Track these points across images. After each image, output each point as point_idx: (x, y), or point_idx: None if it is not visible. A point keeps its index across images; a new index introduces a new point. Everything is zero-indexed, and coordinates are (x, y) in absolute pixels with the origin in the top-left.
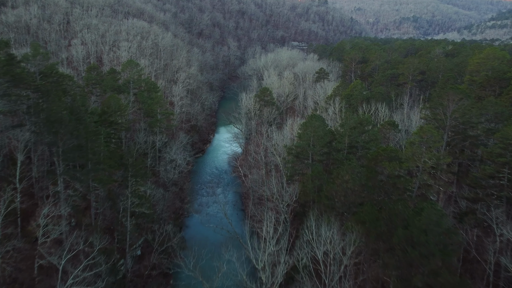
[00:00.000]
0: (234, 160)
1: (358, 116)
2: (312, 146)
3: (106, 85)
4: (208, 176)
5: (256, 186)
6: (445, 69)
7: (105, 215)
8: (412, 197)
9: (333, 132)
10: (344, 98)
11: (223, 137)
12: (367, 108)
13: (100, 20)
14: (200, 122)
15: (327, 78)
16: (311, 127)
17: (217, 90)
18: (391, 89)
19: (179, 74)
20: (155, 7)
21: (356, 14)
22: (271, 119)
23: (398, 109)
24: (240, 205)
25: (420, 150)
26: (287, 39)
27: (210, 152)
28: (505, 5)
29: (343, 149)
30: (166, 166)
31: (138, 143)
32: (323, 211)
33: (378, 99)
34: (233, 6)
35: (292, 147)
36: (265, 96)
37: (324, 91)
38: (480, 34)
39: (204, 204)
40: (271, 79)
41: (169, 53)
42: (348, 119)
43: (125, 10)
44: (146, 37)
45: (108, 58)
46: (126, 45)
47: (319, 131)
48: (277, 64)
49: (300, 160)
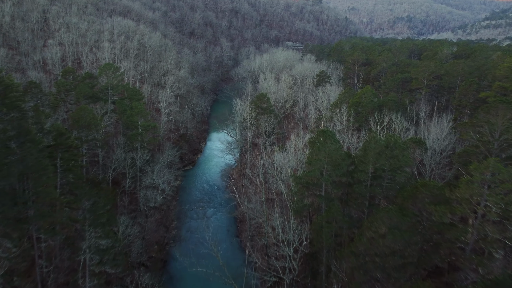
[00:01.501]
0: (228, 176)
1: (386, 138)
2: (326, 175)
3: (79, 92)
4: (199, 193)
5: (253, 214)
6: (464, 73)
7: (59, 271)
8: (467, 252)
9: (351, 155)
10: (352, 106)
11: (215, 145)
12: (379, 119)
13: (81, 19)
14: (191, 131)
15: (329, 81)
16: (323, 151)
17: (209, 94)
18: (403, 96)
19: (167, 77)
20: (143, 6)
21: (350, 13)
22: (269, 129)
23: (414, 119)
24: (235, 230)
25: (481, 191)
26: (282, 39)
27: (201, 164)
28: (498, 5)
29: (366, 180)
30: (146, 192)
31: (115, 161)
32: (348, 272)
33: (392, 108)
34: (226, 5)
35: (300, 176)
36: (262, 103)
37: (327, 96)
38: (475, 34)
39: (193, 229)
40: (267, 82)
41: (157, 55)
42: (371, 141)
43: (110, 8)
44: (132, 37)
45: (87, 60)
46: (109, 46)
47: (334, 156)
48: (273, 66)
49: (310, 190)
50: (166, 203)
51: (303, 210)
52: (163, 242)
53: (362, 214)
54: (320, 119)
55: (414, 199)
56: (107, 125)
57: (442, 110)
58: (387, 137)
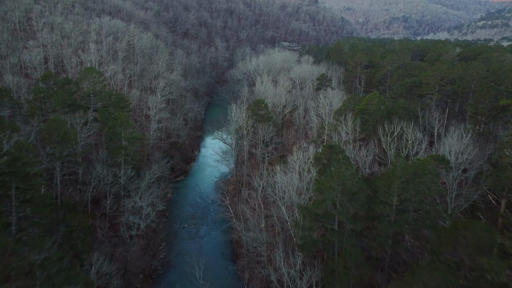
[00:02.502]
0: (223, 191)
1: (413, 162)
2: (339, 207)
3: (57, 100)
4: (191, 208)
5: (252, 241)
6: (478, 77)
7: None
8: None
9: (369, 182)
10: (358, 114)
11: (210, 152)
12: (389, 129)
13: (66, 18)
14: (183, 138)
15: (330, 85)
16: (336, 177)
17: (204, 97)
18: (413, 102)
19: (158, 81)
20: (135, 5)
21: (346, 14)
22: (268, 139)
23: (427, 129)
24: (231, 253)
25: None
26: (277, 39)
27: (194, 174)
28: (493, 5)
29: (390, 214)
30: (129, 217)
31: (96, 178)
32: None
33: (402, 116)
34: (221, 4)
35: (309, 207)
36: (260, 109)
37: (329, 102)
38: (471, 34)
39: (184, 251)
40: (264, 86)
41: (148, 56)
42: (397, 167)
43: (100, 8)
44: (120, 38)
45: (71, 63)
46: (95, 47)
47: (349, 184)
48: (270, 68)
49: (320, 222)
50: (154, 222)
51: (312, 246)
52: (150, 269)
53: (384, 254)
54: (323, 128)
55: (454, 243)
56: (89, 136)
57: (455, 118)
58: (415, 161)
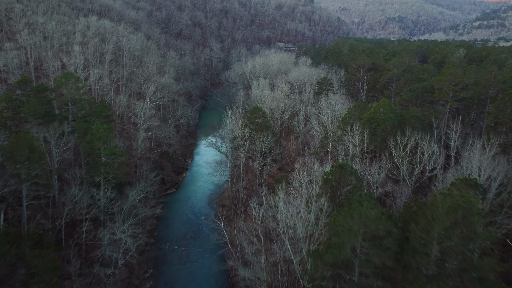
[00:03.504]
0: (216, 215)
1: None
2: (361, 254)
3: (28, 110)
4: (182, 226)
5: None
6: (497, 82)
7: None
8: None
9: (398, 224)
10: (366, 124)
11: (204, 159)
12: (402, 141)
13: (48, 18)
14: (174, 147)
15: (332, 89)
16: (357, 217)
17: (198, 100)
18: (424, 110)
19: (147, 85)
20: (126, 5)
21: (341, 14)
22: (266, 150)
23: (443, 140)
24: (226, 283)
25: None
26: (273, 39)
27: (186, 185)
28: (488, 5)
29: (427, 266)
30: (104, 252)
31: (70, 201)
32: None
33: (416, 127)
34: (216, 4)
35: (321, 252)
36: (257, 117)
37: (331, 108)
38: (467, 34)
39: (173, 279)
40: (261, 90)
41: (138, 59)
42: (439, 206)
43: (88, 7)
44: (108, 40)
45: (52, 67)
46: (79, 49)
47: (373, 226)
48: (267, 70)
49: (335, 270)
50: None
51: None
52: None
53: None
54: (327, 138)
55: None
56: (65, 151)
57: (470, 128)
58: (461, 197)
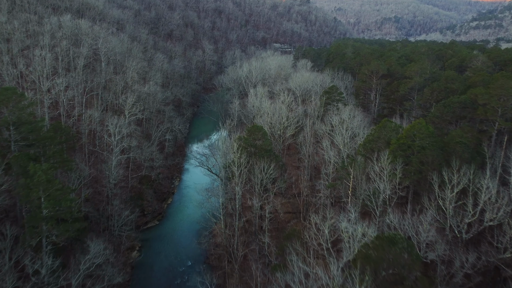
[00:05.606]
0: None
1: None
2: None
3: None
4: (163, 275)
5: None
6: None
7: None
8: None
9: None
10: (397, 152)
11: (194, 179)
12: (451, 178)
13: (11, 17)
14: (158, 169)
15: (342, 100)
16: None
17: (188, 108)
18: (466, 131)
19: (126, 95)
20: (111, 3)
21: (337, 14)
22: (268, 182)
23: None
24: None
25: None
26: (269, 40)
27: (171, 215)
28: (484, 5)
29: None
30: None
31: None
32: None
33: (464, 157)
34: (209, 4)
35: None
36: (256, 138)
37: (345, 125)
38: (464, 35)
39: None
40: (259, 100)
41: (119, 64)
42: None
43: (66, 6)
44: (82, 42)
45: (8, 76)
46: (42, 54)
47: None
48: (264, 75)
49: None
50: None
51: None
52: None
53: None
54: (345, 167)
55: None
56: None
57: None
58: None
